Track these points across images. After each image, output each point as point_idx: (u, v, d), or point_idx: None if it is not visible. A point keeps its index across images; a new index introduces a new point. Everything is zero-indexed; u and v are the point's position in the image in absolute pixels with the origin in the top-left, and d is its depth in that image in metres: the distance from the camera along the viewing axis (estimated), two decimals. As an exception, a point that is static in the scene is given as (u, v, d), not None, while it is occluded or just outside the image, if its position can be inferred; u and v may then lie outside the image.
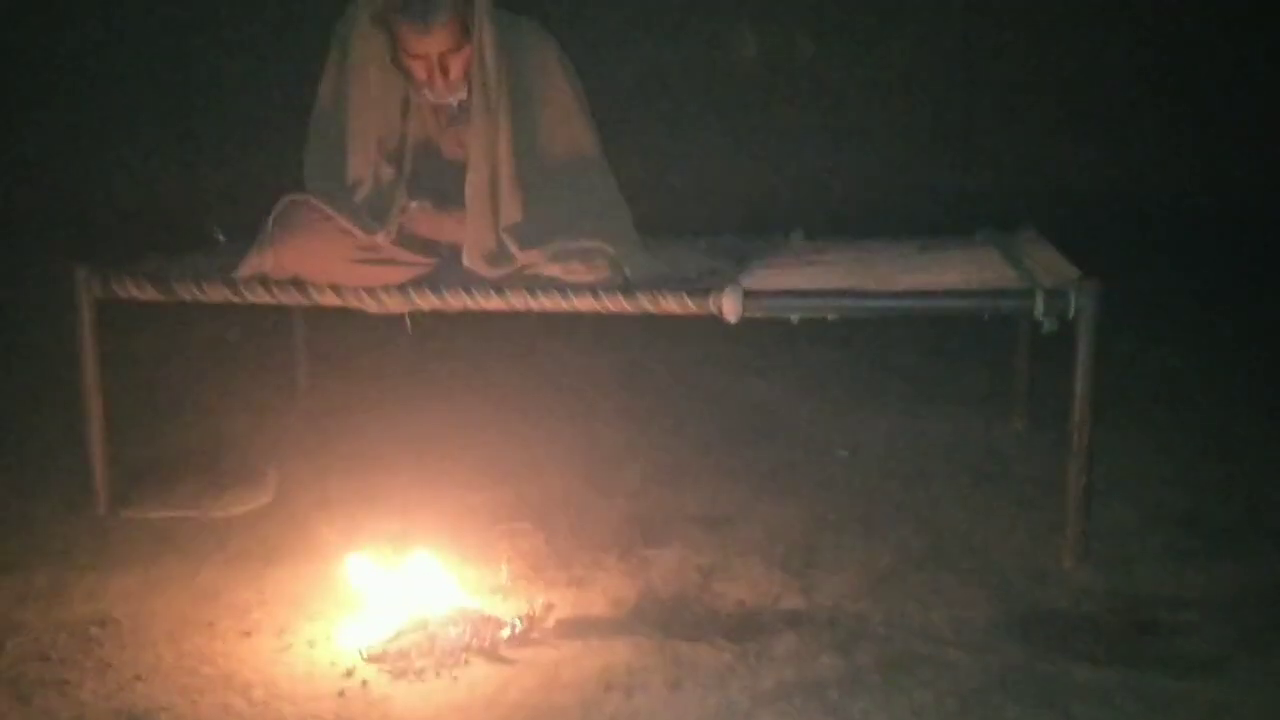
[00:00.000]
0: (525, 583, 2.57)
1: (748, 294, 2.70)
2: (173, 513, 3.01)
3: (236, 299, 2.90)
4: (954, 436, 3.53)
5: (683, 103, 6.52)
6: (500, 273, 2.86)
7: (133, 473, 3.19)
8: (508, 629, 2.31)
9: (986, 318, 2.79)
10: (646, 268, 2.93)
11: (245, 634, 2.37)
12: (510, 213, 2.88)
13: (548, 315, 2.84)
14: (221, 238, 3.34)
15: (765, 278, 2.87)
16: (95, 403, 2.97)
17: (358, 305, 2.88)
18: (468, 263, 2.89)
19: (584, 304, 2.77)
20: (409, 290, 2.84)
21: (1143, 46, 6.34)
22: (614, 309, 2.77)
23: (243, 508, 3.03)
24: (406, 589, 2.39)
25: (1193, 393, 3.95)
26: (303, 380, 3.79)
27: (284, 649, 2.31)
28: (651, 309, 2.74)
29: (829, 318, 2.80)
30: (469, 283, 2.84)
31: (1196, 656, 2.24)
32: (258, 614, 2.45)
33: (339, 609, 2.45)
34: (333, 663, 2.25)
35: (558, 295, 2.78)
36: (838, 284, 2.79)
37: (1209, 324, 4.71)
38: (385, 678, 2.19)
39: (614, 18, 6.51)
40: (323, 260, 2.86)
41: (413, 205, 2.98)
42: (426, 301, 2.84)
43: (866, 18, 6.44)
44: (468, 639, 2.27)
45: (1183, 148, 6.35)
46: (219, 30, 6.40)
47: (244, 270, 2.90)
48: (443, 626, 2.30)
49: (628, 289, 2.78)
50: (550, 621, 2.38)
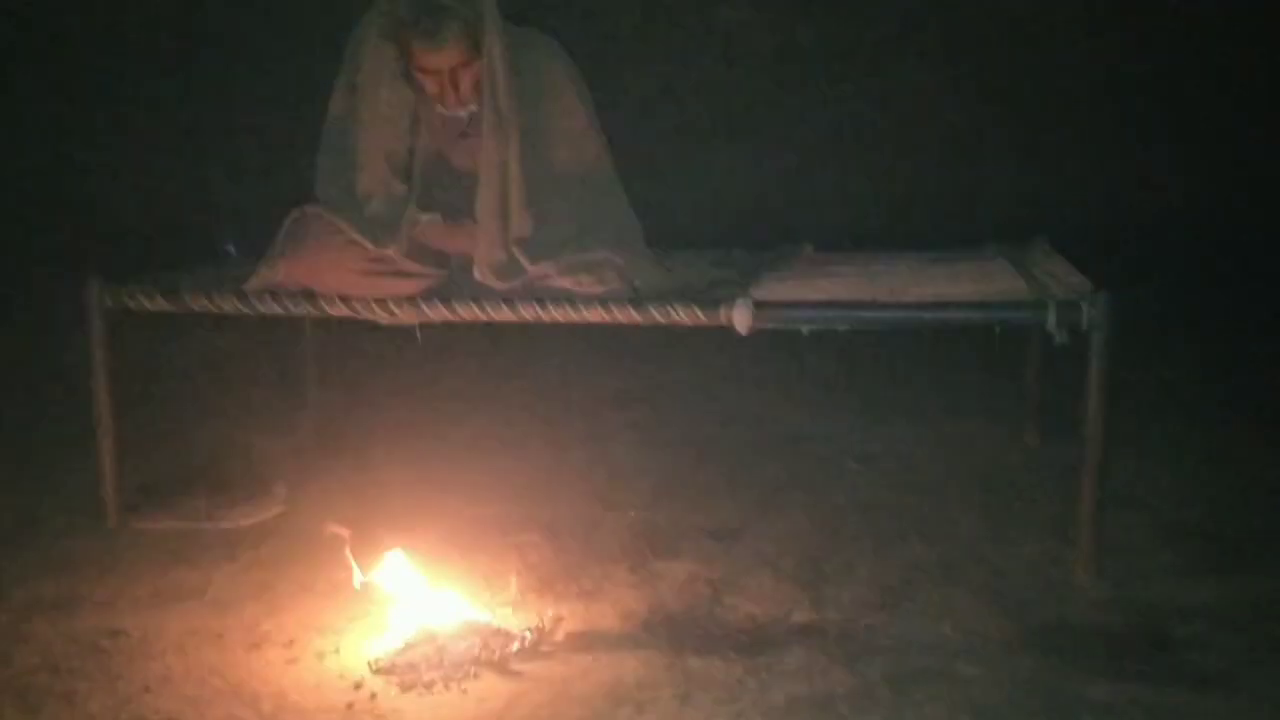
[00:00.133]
0: (535, 596, 2.56)
1: (758, 305, 2.69)
2: (182, 524, 3.01)
3: (247, 310, 2.90)
4: (965, 450, 3.52)
5: (693, 118, 6.52)
6: (510, 285, 2.86)
7: (143, 484, 3.19)
8: (517, 642, 2.31)
9: (998, 330, 2.78)
10: (656, 280, 2.93)
11: (254, 646, 2.37)
12: (520, 225, 2.88)
13: (557, 330, 2.83)
14: (232, 250, 3.35)
15: (776, 289, 2.87)
16: (106, 414, 2.97)
17: (368, 316, 2.88)
18: (478, 275, 2.89)
19: (594, 315, 2.77)
20: (419, 301, 2.84)
21: (1154, 62, 6.33)
22: (624, 320, 2.77)
23: (252, 520, 3.04)
24: (415, 601, 2.39)
25: (1203, 407, 3.93)
26: (312, 393, 3.79)
27: (292, 661, 2.31)
28: (662, 320, 2.74)
29: (840, 329, 2.79)
30: (479, 294, 2.84)
31: (1209, 670, 2.22)
32: (266, 626, 2.45)
33: (348, 621, 2.45)
34: (341, 675, 2.24)
35: (568, 306, 2.77)
36: (849, 296, 2.79)
37: (1220, 339, 4.69)
38: (394, 690, 2.18)
39: (625, 35, 6.52)
40: (333, 271, 2.87)
41: (423, 218, 2.98)
42: (437, 313, 2.84)
43: (877, 34, 6.44)
44: (477, 652, 2.27)
45: (1195, 162, 6.33)
46: (229, 44, 6.42)
47: (255, 282, 2.90)
48: (452, 639, 2.30)
49: (638, 301, 2.77)
50: (560, 635, 2.37)
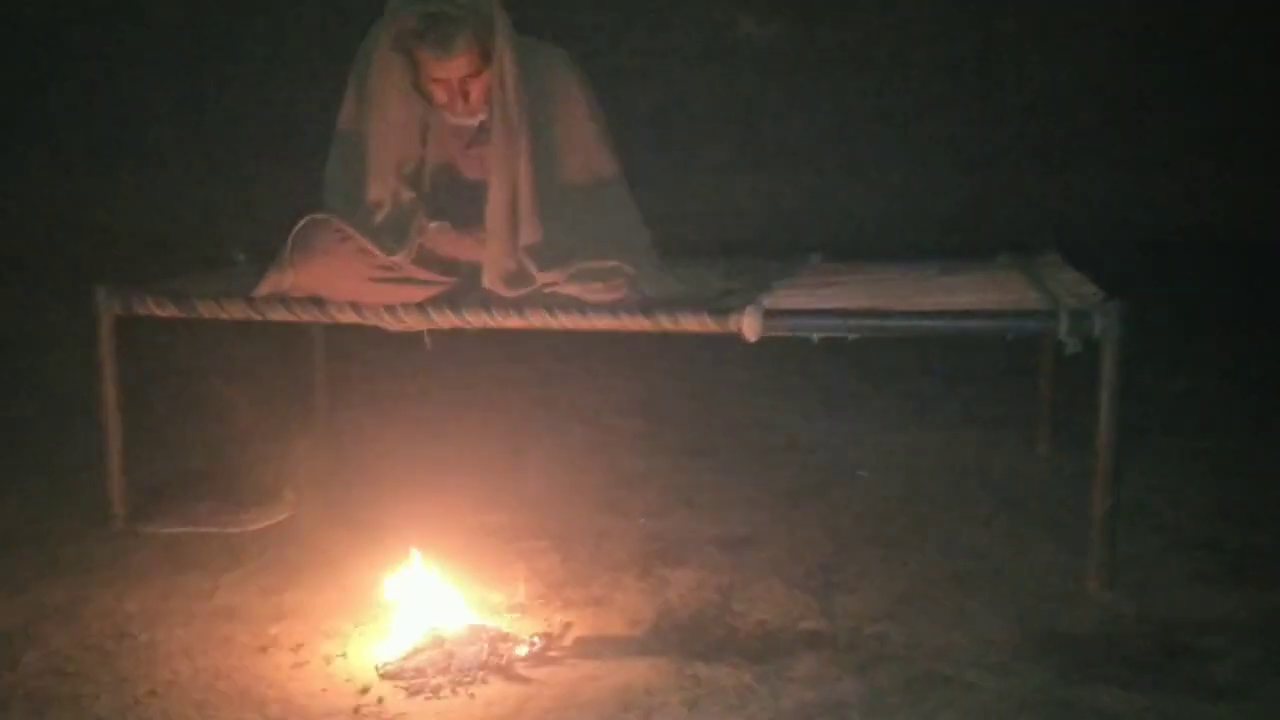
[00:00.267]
0: (543, 602, 2.55)
1: (768, 313, 2.68)
2: (190, 529, 3.01)
3: (256, 317, 2.91)
4: (977, 459, 3.51)
5: (702, 129, 6.54)
6: (519, 293, 2.86)
7: (151, 489, 3.19)
8: (525, 647, 2.30)
9: (1009, 339, 2.77)
10: (666, 287, 2.92)
11: (261, 650, 2.36)
12: (529, 234, 2.88)
13: (566, 339, 2.83)
14: (241, 257, 3.36)
15: (785, 297, 2.86)
16: (115, 419, 2.97)
17: (377, 323, 2.88)
18: (487, 284, 2.89)
19: (603, 323, 2.77)
20: (428, 308, 2.84)
21: (1164, 73, 6.34)
22: (633, 328, 2.76)
23: (260, 524, 3.03)
24: (424, 606, 2.38)
25: (1217, 417, 3.92)
26: (321, 399, 3.79)
27: (300, 665, 2.30)
28: (671, 328, 2.73)
29: (850, 338, 2.77)
30: (488, 301, 2.84)
31: (1223, 681, 2.21)
32: (274, 630, 2.44)
33: (356, 625, 2.44)
34: (349, 679, 2.23)
35: (577, 314, 2.77)
36: (859, 304, 2.78)
37: (1232, 350, 4.67)
38: (401, 695, 2.17)
39: (635, 47, 6.55)
40: (342, 278, 2.87)
41: (432, 226, 2.98)
42: (445, 320, 2.83)
43: (885, 44, 6.46)
44: (485, 657, 2.25)
45: (1205, 175, 6.33)
46: (239, 53, 6.45)
47: (263, 288, 2.90)
48: (460, 644, 2.28)
49: (647, 308, 2.77)
50: (568, 640, 2.36)
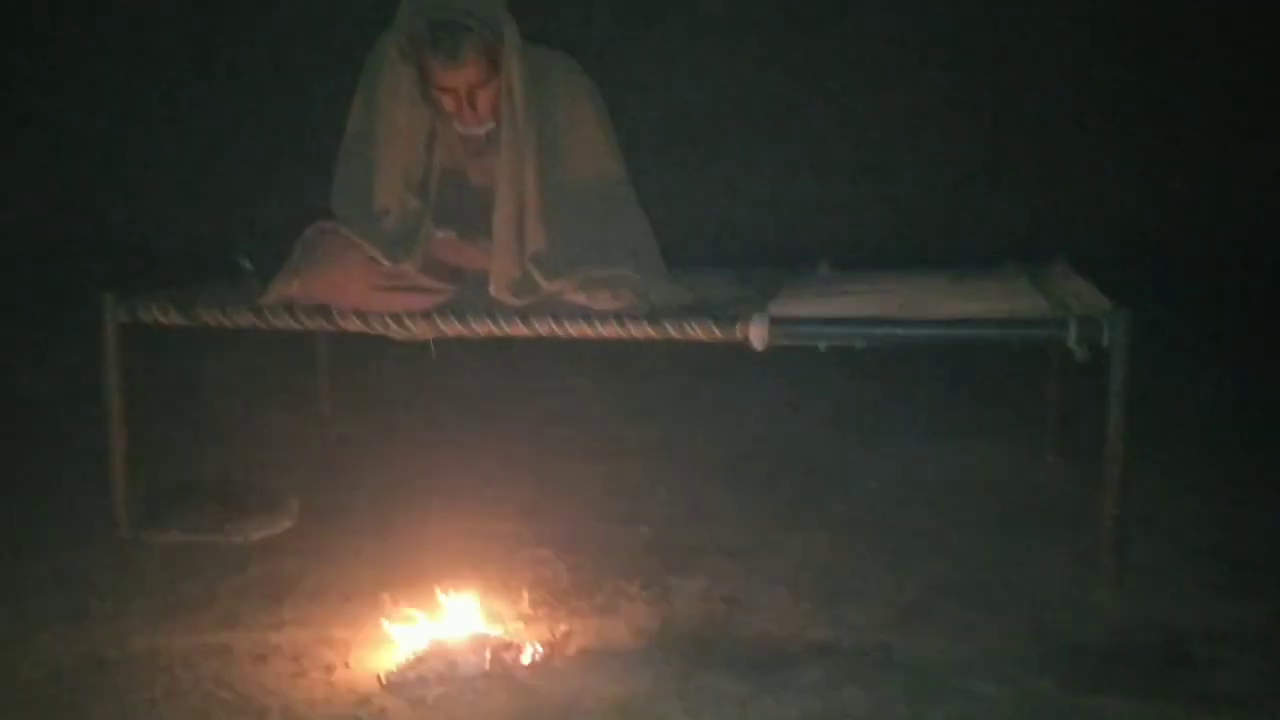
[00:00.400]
0: (546, 611, 2.53)
1: (775, 321, 2.67)
2: (193, 537, 3.00)
3: (261, 325, 2.90)
4: (984, 467, 3.50)
5: (709, 138, 6.55)
6: (526, 302, 2.85)
7: (154, 497, 3.18)
8: (528, 656, 2.28)
9: (1018, 347, 2.75)
10: (672, 296, 2.91)
11: (261, 659, 2.34)
12: (536, 242, 2.87)
13: (572, 348, 2.82)
14: (248, 265, 3.35)
15: (792, 306, 2.85)
16: (119, 427, 2.96)
17: (383, 331, 2.87)
18: (494, 292, 2.88)
19: (610, 331, 2.76)
20: (434, 316, 2.83)
21: (1172, 80, 6.33)
22: (640, 336, 2.75)
23: (263, 533, 3.02)
24: (426, 615, 2.37)
25: (1227, 427, 3.90)
26: (326, 408, 3.79)
27: (301, 674, 2.28)
28: (677, 336, 2.72)
29: (857, 346, 2.76)
30: (494, 309, 2.83)
31: (1231, 690, 2.18)
32: (275, 639, 2.43)
33: (357, 635, 2.42)
34: (350, 689, 2.21)
35: (583, 322, 2.76)
36: (866, 312, 2.77)
37: (1240, 359, 4.65)
38: (404, 705, 2.15)
39: (642, 58, 6.56)
40: (348, 287, 2.86)
41: (439, 234, 2.98)
42: (452, 328, 2.82)
43: (893, 52, 6.46)
44: (488, 666, 2.24)
45: (1213, 182, 6.32)
46: (245, 60, 6.48)
47: (270, 296, 2.90)
48: (463, 653, 2.27)
49: (653, 317, 2.76)
50: (571, 649, 2.35)
